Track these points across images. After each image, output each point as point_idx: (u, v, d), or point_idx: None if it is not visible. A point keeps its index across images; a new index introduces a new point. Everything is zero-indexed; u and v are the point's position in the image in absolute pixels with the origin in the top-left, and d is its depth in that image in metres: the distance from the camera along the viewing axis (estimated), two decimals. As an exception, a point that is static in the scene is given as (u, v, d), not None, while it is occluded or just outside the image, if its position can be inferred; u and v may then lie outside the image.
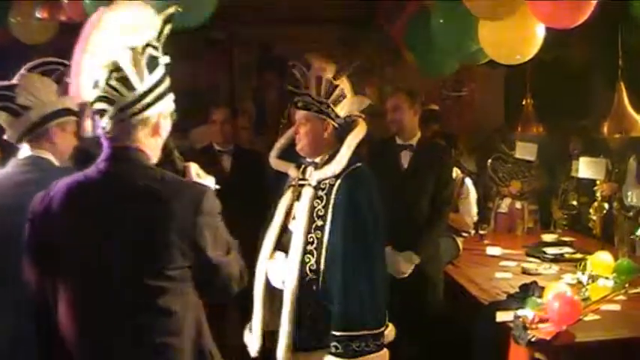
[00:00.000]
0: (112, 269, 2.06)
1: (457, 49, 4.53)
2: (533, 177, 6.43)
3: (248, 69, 7.41)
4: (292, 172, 3.58)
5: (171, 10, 2.18)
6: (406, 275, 4.40)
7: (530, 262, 5.01)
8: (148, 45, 2.11)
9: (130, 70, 2.08)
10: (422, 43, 4.98)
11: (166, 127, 2.22)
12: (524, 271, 4.72)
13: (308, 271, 3.28)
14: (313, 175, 3.43)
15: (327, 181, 3.39)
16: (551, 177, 6.53)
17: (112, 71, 2.07)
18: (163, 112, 2.18)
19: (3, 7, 5.10)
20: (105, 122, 2.10)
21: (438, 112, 6.78)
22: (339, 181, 3.36)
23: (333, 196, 3.35)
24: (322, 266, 3.28)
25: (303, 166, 3.55)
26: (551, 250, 5.18)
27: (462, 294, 4.53)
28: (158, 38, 2.15)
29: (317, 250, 3.30)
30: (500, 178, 6.47)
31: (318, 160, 3.47)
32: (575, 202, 6.26)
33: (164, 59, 2.16)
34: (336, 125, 3.43)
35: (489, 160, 6.51)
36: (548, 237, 5.58)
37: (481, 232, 5.74)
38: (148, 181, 2.11)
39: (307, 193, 3.41)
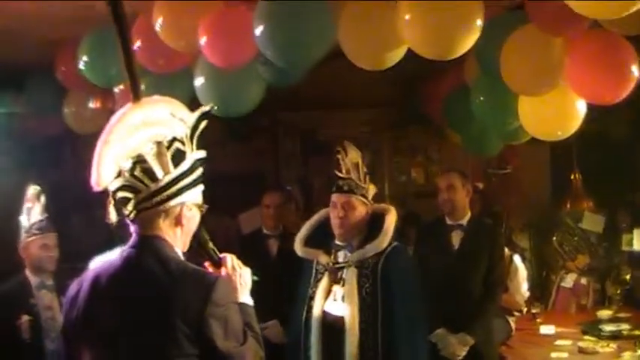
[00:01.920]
0: (124, 353, 2.13)
1: (498, 126, 4.54)
2: (598, 252, 6.29)
3: (293, 154, 7.52)
4: (323, 258, 3.70)
5: (206, 107, 2.27)
6: (460, 358, 4.28)
7: (587, 340, 4.85)
8: (174, 139, 2.20)
9: (154, 162, 2.17)
10: (463, 120, 5.03)
11: (192, 218, 2.28)
12: (581, 350, 4.57)
13: (367, 349, 3.38)
14: (354, 256, 3.56)
15: (369, 260, 3.52)
16: (604, 252, 6.39)
17: (136, 162, 2.17)
18: (187, 203, 2.24)
19: (58, 97, 5.33)
20: (128, 210, 2.19)
21: (485, 191, 6.75)
22: (382, 258, 3.51)
23: (379, 275, 3.48)
24: (380, 340, 3.40)
25: (333, 250, 3.67)
26: (608, 327, 5.00)
27: (518, 376, 4.40)
28: (192, 133, 2.23)
29: (372, 327, 3.41)
30: (567, 252, 6.34)
31: (353, 242, 3.62)
32: (627, 277, 6.08)
33: (196, 154, 2.24)
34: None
35: (555, 234, 6.38)
36: (603, 313, 5.40)
37: (534, 310, 5.59)
38: (162, 270, 2.16)
39: (351, 273, 3.52)
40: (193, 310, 2.10)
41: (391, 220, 3.59)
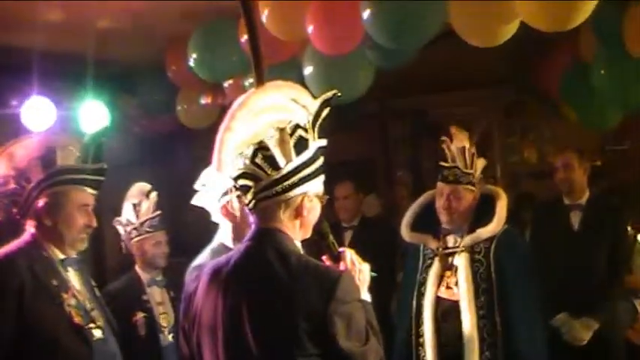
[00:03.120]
0: (243, 351, 2.07)
1: (624, 98, 4.35)
2: None
3: (402, 138, 7.47)
4: (432, 243, 3.66)
5: (329, 94, 2.18)
6: (585, 342, 4.16)
7: None
8: (297, 127, 2.12)
9: (276, 150, 2.10)
10: (581, 96, 4.89)
11: (313, 209, 2.19)
12: None
13: (485, 336, 3.35)
14: (465, 241, 3.53)
15: (481, 245, 3.50)
16: None
17: (257, 149, 2.09)
18: (309, 193, 2.15)
19: (171, 95, 5.49)
20: (248, 199, 2.14)
21: (603, 168, 6.49)
22: (494, 243, 3.48)
23: (492, 259, 3.45)
24: (498, 324, 3.36)
25: (441, 235, 3.63)
26: None
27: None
28: (314, 120, 2.15)
29: (489, 311, 3.39)
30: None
31: (462, 227, 3.59)
32: None
33: (318, 142, 2.15)
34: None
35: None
36: None
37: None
38: (282, 265, 2.08)
39: (463, 259, 3.49)
40: (316, 307, 2.01)
41: (503, 203, 3.54)
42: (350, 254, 2.29)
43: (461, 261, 3.50)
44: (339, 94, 2.20)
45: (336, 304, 2.02)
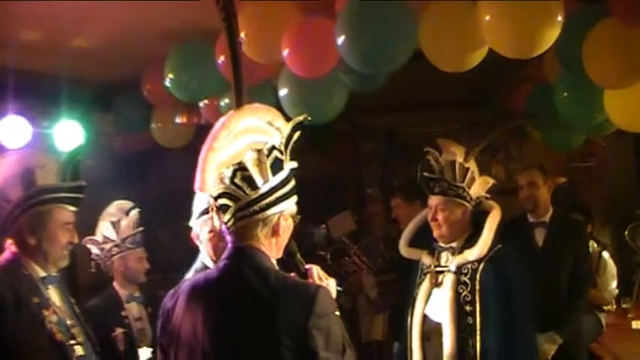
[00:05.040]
0: None
1: (584, 121, 4.48)
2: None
3: (374, 157, 7.55)
4: (426, 259, 3.62)
5: (300, 118, 2.26)
6: (549, 357, 4.24)
7: (681, 334, 4.74)
8: (273, 148, 2.19)
9: (254, 170, 2.17)
10: (545, 117, 4.97)
11: (288, 228, 2.26)
12: (676, 345, 4.47)
13: (465, 355, 3.28)
14: (453, 261, 3.44)
15: (468, 266, 3.40)
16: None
17: (236, 170, 2.15)
18: (284, 212, 2.22)
19: (145, 113, 5.54)
20: (227, 218, 2.20)
21: (568, 185, 6.62)
22: (482, 265, 3.36)
23: (478, 281, 3.34)
24: (478, 347, 3.28)
25: (436, 251, 3.57)
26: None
27: (609, 372, 4.35)
28: (287, 143, 2.23)
29: (471, 336, 3.30)
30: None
31: (454, 244, 3.49)
32: None
33: (290, 164, 2.23)
34: (471, 208, 3.47)
35: (627, 229, 6.24)
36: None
37: (624, 305, 5.48)
38: (260, 283, 2.13)
39: (449, 280, 3.42)
40: (297, 323, 2.06)
41: (492, 222, 3.42)
42: (316, 270, 2.39)
43: (446, 282, 3.42)
44: (310, 117, 2.29)
45: (315, 319, 2.08)
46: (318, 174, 6.51)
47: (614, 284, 5.26)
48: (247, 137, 2.19)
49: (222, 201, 2.19)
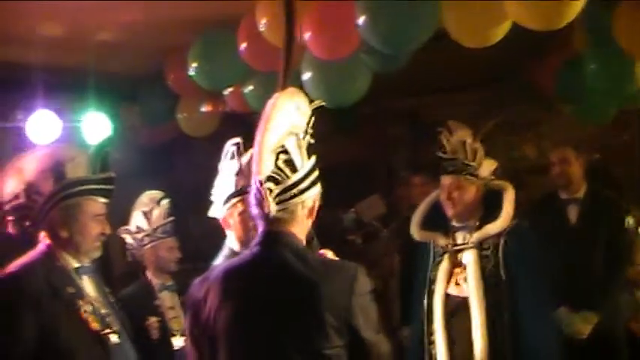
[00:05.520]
0: (263, 351, 2.14)
1: (615, 93, 4.40)
2: None
3: (400, 139, 7.51)
4: (441, 240, 3.67)
5: (317, 103, 2.30)
6: (585, 336, 4.21)
7: None
8: (307, 131, 2.24)
9: (294, 153, 2.20)
10: (576, 91, 4.91)
11: (316, 210, 2.31)
12: None
13: (495, 331, 3.35)
14: (473, 237, 3.52)
15: (489, 241, 3.47)
16: None
17: (279, 153, 2.19)
18: (317, 195, 2.28)
19: (171, 103, 5.56)
20: (270, 201, 2.19)
21: (602, 161, 6.52)
22: (502, 239, 3.45)
23: (500, 254, 3.43)
24: (506, 320, 3.37)
25: (450, 232, 3.64)
26: None
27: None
28: (307, 127, 2.27)
29: (498, 308, 3.38)
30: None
31: (470, 223, 3.57)
32: None
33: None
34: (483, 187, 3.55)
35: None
36: None
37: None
38: (300, 265, 2.17)
39: (471, 255, 3.49)
40: (341, 301, 2.12)
41: (510, 198, 3.52)
42: (329, 255, 2.48)
43: (469, 258, 3.51)
44: (334, 100, 2.30)
45: (356, 297, 2.15)
46: (345, 158, 6.50)
47: (653, 260, 5.16)
48: (294, 119, 2.23)
49: (268, 185, 2.19)
